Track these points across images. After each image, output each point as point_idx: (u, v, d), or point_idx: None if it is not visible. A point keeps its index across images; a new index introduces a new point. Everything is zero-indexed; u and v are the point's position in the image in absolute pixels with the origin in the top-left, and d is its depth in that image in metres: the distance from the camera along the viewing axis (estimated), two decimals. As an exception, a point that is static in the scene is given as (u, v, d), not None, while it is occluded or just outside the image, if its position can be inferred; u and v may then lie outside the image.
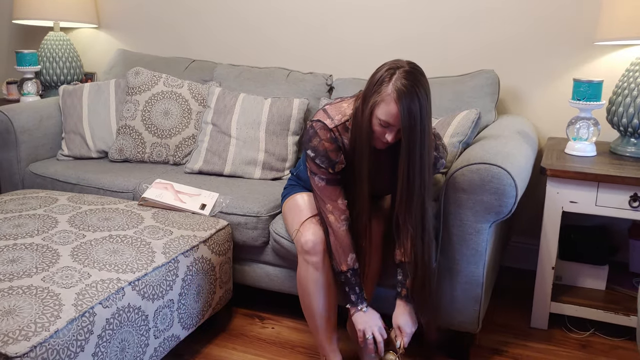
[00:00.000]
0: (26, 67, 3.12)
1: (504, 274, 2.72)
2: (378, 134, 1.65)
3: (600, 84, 2.17)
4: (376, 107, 1.61)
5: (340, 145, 1.74)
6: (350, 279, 1.77)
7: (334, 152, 1.73)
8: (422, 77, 1.60)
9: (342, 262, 1.76)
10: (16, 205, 2.08)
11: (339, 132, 1.73)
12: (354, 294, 1.78)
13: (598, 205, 2.07)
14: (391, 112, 1.58)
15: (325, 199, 1.77)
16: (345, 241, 1.76)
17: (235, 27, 3.07)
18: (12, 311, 1.42)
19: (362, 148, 1.67)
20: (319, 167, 1.74)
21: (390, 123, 1.60)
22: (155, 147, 2.66)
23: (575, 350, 2.12)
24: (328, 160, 1.73)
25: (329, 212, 1.76)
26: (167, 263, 1.79)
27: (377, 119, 1.62)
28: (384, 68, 1.62)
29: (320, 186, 1.77)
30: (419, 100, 1.56)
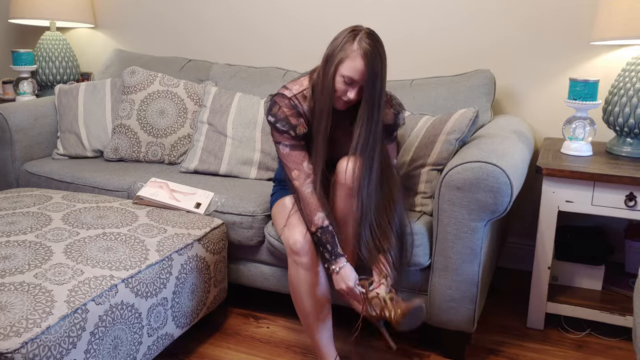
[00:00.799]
0: (22, 66, 3.11)
1: (500, 274, 2.71)
2: (340, 92, 1.74)
3: (596, 83, 2.17)
4: (340, 65, 1.71)
5: (299, 111, 1.82)
6: (321, 237, 1.76)
7: (293, 117, 1.81)
8: (380, 39, 1.74)
9: (312, 223, 1.78)
10: (10, 203, 2.07)
11: (297, 99, 1.82)
12: (327, 252, 1.77)
13: (594, 205, 2.07)
14: (357, 67, 1.69)
15: (290, 164, 1.82)
16: (312, 202, 1.79)
17: (232, 27, 3.07)
18: (4, 307, 1.41)
19: (323, 107, 1.76)
20: (281, 132, 1.81)
21: (354, 79, 1.70)
22: (150, 146, 2.65)
23: (572, 350, 2.11)
24: (289, 124, 1.80)
25: (294, 178, 1.82)
26: (161, 261, 1.78)
27: (341, 76, 1.71)
28: (345, 32, 1.74)
29: (284, 153, 1.83)
30: (381, 58, 1.70)
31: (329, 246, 1.76)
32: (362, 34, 1.71)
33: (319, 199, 1.79)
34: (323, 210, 1.78)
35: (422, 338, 2.15)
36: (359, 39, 1.69)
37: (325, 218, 1.78)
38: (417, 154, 2.13)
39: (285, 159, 1.83)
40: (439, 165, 2.06)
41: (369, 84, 1.70)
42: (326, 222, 1.77)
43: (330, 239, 1.77)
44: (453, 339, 2.02)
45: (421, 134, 2.18)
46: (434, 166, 2.07)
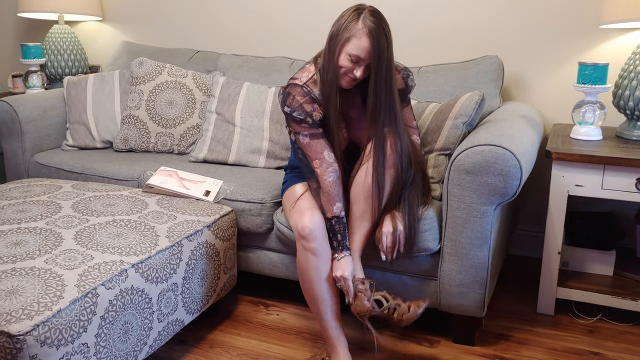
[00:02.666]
0: (31, 59, 3.13)
1: (510, 262, 2.71)
2: (346, 70, 1.75)
3: (605, 66, 2.15)
4: (346, 44, 1.72)
5: (313, 97, 1.82)
6: (334, 225, 1.80)
7: (308, 104, 1.81)
8: (383, 16, 1.75)
9: (328, 211, 1.81)
10: (20, 193, 2.08)
11: (308, 86, 1.83)
12: (336, 241, 1.81)
13: (604, 189, 2.05)
14: (363, 45, 1.70)
15: (311, 154, 1.83)
16: (332, 191, 1.81)
17: (239, 17, 3.06)
18: (15, 291, 1.42)
19: (330, 87, 1.78)
20: (298, 122, 1.81)
21: (360, 57, 1.72)
22: (159, 136, 2.66)
23: (582, 335, 2.10)
24: (304, 112, 1.81)
25: (317, 167, 1.83)
26: (171, 247, 1.79)
27: (347, 55, 1.73)
28: (349, 11, 1.75)
29: (305, 143, 1.83)
30: (386, 35, 1.72)
31: (339, 236, 1.81)
32: (365, 12, 1.72)
33: (339, 189, 1.81)
34: (341, 201, 1.81)
35: (432, 323, 2.15)
36: (363, 17, 1.71)
37: (342, 209, 1.81)
38: (425, 139, 2.12)
39: (306, 149, 1.84)
40: (447, 150, 2.05)
41: (376, 60, 1.72)
42: (342, 213, 1.81)
43: (342, 230, 1.81)
44: (463, 324, 2.02)
45: (428, 120, 2.17)
46: (442, 151, 2.06)
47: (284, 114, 1.84)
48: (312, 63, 1.89)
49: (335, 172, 1.82)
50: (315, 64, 1.86)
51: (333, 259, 1.82)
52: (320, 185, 1.82)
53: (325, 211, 1.81)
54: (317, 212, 1.82)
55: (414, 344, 2.03)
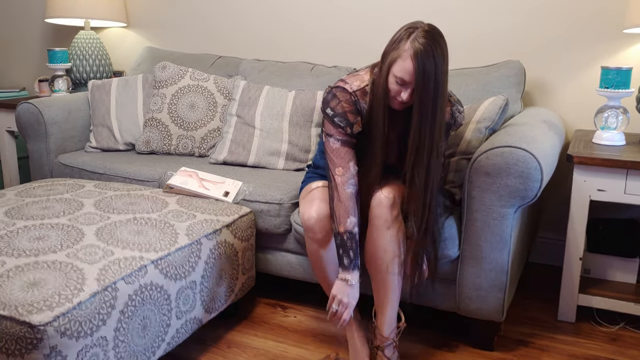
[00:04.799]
0: (57, 64, 3.19)
1: (531, 269, 2.67)
2: (394, 92, 1.67)
3: (629, 71, 2.13)
4: (393, 64, 1.64)
5: (359, 108, 1.75)
6: (346, 241, 1.71)
7: (352, 114, 1.74)
8: (440, 39, 1.62)
9: (341, 223, 1.72)
10: (44, 191, 2.12)
11: (357, 96, 1.75)
12: (347, 258, 1.72)
13: (627, 194, 2.02)
14: (407, 68, 1.61)
15: (337, 160, 1.75)
16: (348, 203, 1.72)
17: (262, 24, 3.09)
18: (37, 283, 1.44)
19: (378, 106, 1.70)
20: (336, 126, 1.74)
21: (405, 80, 1.62)
22: (181, 139, 2.69)
23: (605, 343, 2.07)
24: (346, 120, 1.74)
25: (338, 175, 1.74)
26: (190, 244, 1.80)
27: (393, 76, 1.64)
28: (404, 28, 1.65)
29: (334, 147, 1.75)
30: (435, 59, 1.59)
31: (351, 253, 1.72)
32: (417, 31, 1.61)
33: (356, 202, 1.74)
34: (356, 216, 1.73)
35: (451, 327, 2.13)
36: (414, 37, 1.60)
37: (357, 225, 1.73)
38: (447, 143, 2.11)
39: (333, 153, 1.75)
40: (469, 155, 2.04)
41: (420, 86, 1.60)
42: (356, 229, 1.72)
43: (355, 246, 1.72)
44: (482, 328, 1.99)
45: (450, 124, 2.16)
46: (464, 155, 2.05)
47: (324, 114, 1.77)
48: (368, 70, 1.80)
49: (355, 186, 1.74)
50: (372, 72, 1.77)
51: (343, 275, 1.72)
52: (338, 194, 1.74)
53: (338, 224, 1.72)
54: (326, 204, 1.81)
55: (433, 348, 2.01)
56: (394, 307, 1.80)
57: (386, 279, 1.77)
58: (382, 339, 1.79)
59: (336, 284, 1.74)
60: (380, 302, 1.80)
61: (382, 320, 1.80)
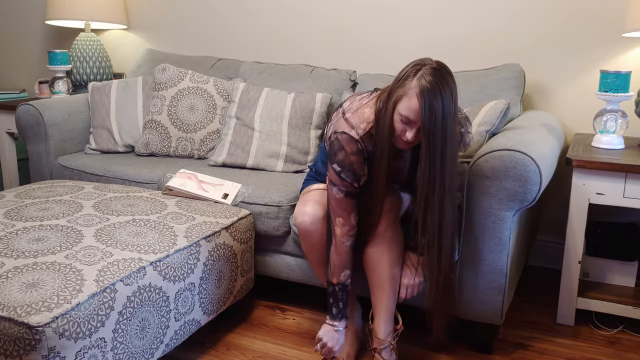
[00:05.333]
0: (58, 66, 3.19)
1: (530, 273, 2.67)
2: (399, 132, 1.61)
3: (628, 74, 2.13)
4: (399, 102, 1.58)
5: (366, 156, 1.70)
6: (337, 293, 1.77)
7: (359, 165, 1.69)
8: (449, 77, 1.57)
9: (335, 275, 1.76)
10: (44, 192, 2.12)
11: (364, 142, 1.68)
12: (337, 309, 1.77)
13: (626, 197, 2.03)
14: (412, 106, 1.55)
15: (339, 210, 1.72)
16: (345, 257, 1.74)
17: (262, 27, 3.10)
18: (36, 284, 1.44)
19: (383, 146, 1.63)
20: (342, 180, 1.69)
21: (410, 119, 1.56)
22: (180, 141, 2.69)
23: (603, 346, 2.06)
24: (353, 175, 1.69)
25: (338, 225, 1.73)
26: (189, 246, 1.81)
27: (398, 114, 1.58)
28: (410, 64, 1.60)
29: (337, 198, 1.71)
30: (442, 99, 1.53)
31: (341, 304, 1.77)
32: (425, 69, 1.56)
33: (351, 256, 1.76)
34: (350, 269, 1.76)
35: (450, 330, 2.13)
36: (420, 75, 1.55)
37: (350, 277, 1.77)
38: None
39: (336, 202, 1.72)
40: (469, 158, 2.04)
41: (426, 125, 1.54)
42: (349, 281, 1.77)
43: (345, 298, 1.77)
44: (481, 331, 1.99)
45: (449, 127, 2.16)
46: (464, 158, 2.05)
47: (332, 167, 1.70)
48: (371, 103, 1.72)
49: (353, 237, 1.74)
50: (376, 104, 1.69)
51: (330, 322, 1.78)
52: (336, 244, 1.74)
53: (332, 274, 1.75)
54: (321, 206, 1.83)
55: (431, 351, 2.01)
56: (390, 311, 1.81)
57: (382, 283, 1.78)
58: (379, 341, 1.80)
59: (323, 327, 1.80)
60: (376, 305, 1.82)
61: (378, 323, 1.81)
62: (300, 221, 1.82)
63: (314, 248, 1.86)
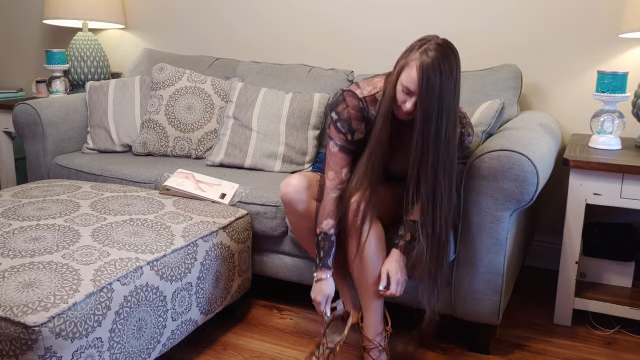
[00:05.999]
0: (55, 65, 3.19)
1: (527, 273, 2.68)
2: (400, 101, 1.65)
3: (625, 75, 2.14)
4: (402, 72, 1.64)
5: (365, 115, 1.76)
6: (320, 242, 1.77)
7: (357, 120, 1.75)
8: (452, 54, 1.60)
9: (319, 224, 1.78)
10: (41, 192, 2.12)
11: (366, 102, 1.75)
12: (318, 257, 1.78)
13: (623, 198, 2.03)
14: (411, 76, 1.59)
15: (332, 164, 1.79)
16: (329, 206, 1.77)
17: (259, 27, 3.10)
18: (32, 284, 1.44)
19: (384, 113, 1.69)
20: (338, 131, 1.76)
21: (410, 89, 1.61)
22: (178, 141, 2.69)
23: (600, 346, 2.07)
24: (348, 126, 1.75)
25: (329, 179, 1.79)
26: (186, 246, 1.81)
27: (400, 84, 1.64)
28: (417, 40, 1.66)
29: (332, 151, 1.79)
30: (441, 73, 1.56)
31: (322, 253, 1.77)
32: (430, 44, 1.60)
33: (336, 207, 1.76)
34: (334, 219, 1.76)
35: (446, 330, 2.13)
36: (425, 48, 1.59)
37: (333, 227, 1.77)
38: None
39: (330, 156, 1.79)
40: (465, 159, 2.04)
41: (423, 97, 1.57)
42: (332, 231, 1.77)
43: (327, 247, 1.77)
44: (478, 331, 2.00)
45: (446, 127, 2.16)
46: (461, 160, 2.05)
47: (330, 117, 1.79)
48: (382, 78, 1.79)
49: (340, 191, 1.77)
50: (386, 80, 1.74)
51: (313, 278, 1.81)
52: (322, 196, 1.79)
53: (318, 224, 1.78)
54: (305, 178, 1.85)
55: (428, 351, 2.01)
56: (377, 312, 1.80)
57: (367, 285, 1.78)
58: (368, 341, 1.81)
59: (313, 288, 1.82)
60: (363, 306, 1.82)
61: (367, 324, 1.82)
62: (284, 192, 1.84)
63: (301, 219, 1.86)
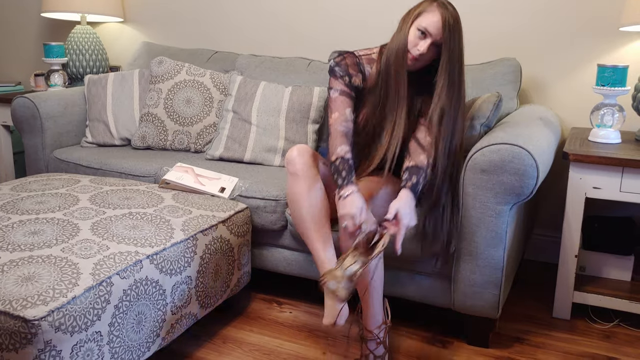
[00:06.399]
0: (53, 58, 3.18)
1: (526, 266, 2.68)
2: (412, 44, 1.79)
3: (625, 69, 2.13)
4: (418, 17, 1.79)
5: (361, 69, 1.90)
6: (338, 166, 1.76)
7: (354, 70, 1.88)
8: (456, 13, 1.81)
9: (333, 154, 1.79)
10: (40, 186, 2.11)
11: (362, 60, 1.91)
12: (340, 178, 1.73)
13: (623, 191, 2.03)
14: (434, 19, 1.76)
15: (334, 107, 1.85)
16: (339, 138, 1.80)
17: (258, 19, 3.09)
18: (32, 278, 1.44)
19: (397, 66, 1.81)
20: (337, 76, 1.87)
21: (429, 31, 1.76)
22: (177, 134, 2.68)
23: (599, 340, 2.07)
24: (346, 71, 1.87)
25: (333, 119, 1.84)
26: (186, 240, 1.80)
27: (416, 29, 1.78)
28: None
29: (333, 97, 1.87)
30: (458, 22, 1.78)
31: (344, 172, 1.74)
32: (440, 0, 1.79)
33: (346, 138, 1.81)
34: (348, 145, 1.80)
35: (446, 324, 2.13)
36: (439, 2, 1.78)
37: (349, 152, 1.79)
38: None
39: (332, 103, 1.86)
40: (464, 152, 2.03)
41: (447, 36, 1.75)
42: (348, 155, 1.78)
43: (347, 168, 1.75)
44: (477, 325, 2.00)
45: (446, 121, 2.16)
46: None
47: (329, 68, 1.90)
48: (378, 47, 1.96)
49: (346, 128, 1.82)
50: (381, 48, 1.93)
51: (338, 199, 1.71)
52: (330, 133, 1.82)
53: (331, 155, 1.80)
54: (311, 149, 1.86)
55: (427, 344, 2.02)
56: (375, 304, 1.80)
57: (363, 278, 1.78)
58: (367, 332, 1.81)
59: (337, 207, 1.72)
60: (362, 298, 1.82)
61: (365, 314, 1.81)
62: (287, 156, 1.83)
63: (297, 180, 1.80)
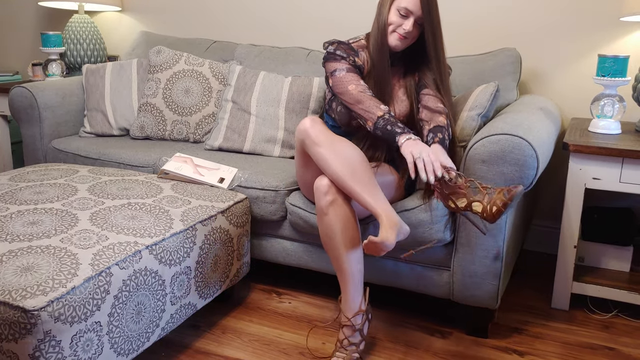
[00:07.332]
0: (51, 48, 3.16)
1: (525, 257, 2.68)
2: (395, 26, 1.88)
3: (626, 59, 2.12)
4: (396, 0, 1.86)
5: (355, 51, 1.96)
6: (389, 119, 1.81)
7: (349, 50, 1.95)
8: None
9: (373, 114, 1.82)
10: (38, 176, 2.10)
11: (351, 45, 1.98)
12: (399, 128, 1.79)
13: (622, 182, 2.03)
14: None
15: (347, 82, 1.89)
16: (371, 99, 1.85)
17: (257, 8, 3.07)
18: (31, 268, 1.44)
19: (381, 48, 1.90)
20: (339, 59, 1.93)
21: (409, 10, 1.85)
22: (175, 124, 2.67)
23: (597, 330, 2.08)
24: (347, 53, 1.93)
25: (353, 89, 1.87)
26: (185, 230, 1.80)
27: (396, 10, 1.86)
28: None
29: (341, 76, 1.90)
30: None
31: (399, 123, 1.80)
32: None
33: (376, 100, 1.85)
34: (386, 103, 1.91)
35: (445, 314, 2.14)
36: None
37: (388, 110, 1.84)
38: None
39: (341, 83, 1.89)
40: (462, 142, 2.03)
41: (427, 12, 1.84)
42: (388, 109, 1.84)
43: (397, 121, 1.81)
44: (476, 315, 2.00)
45: (446, 111, 2.16)
46: (458, 143, 2.04)
47: (326, 54, 1.95)
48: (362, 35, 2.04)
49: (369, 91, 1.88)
50: (367, 35, 2.01)
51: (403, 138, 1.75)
52: (358, 100, 1.85)
53: (368, 119, 1.83)
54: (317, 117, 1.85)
55: (426, 334, 2.02)
56: (351, 291, 1.78)
57: (339, 263, 1.78)
58: (345, 318, 1.80)
59: (405, 147, 1.73)
60: (341, 284, 1.81)
61: (343, 300, 1.81)
62: (299, 128, 1.79)
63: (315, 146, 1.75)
